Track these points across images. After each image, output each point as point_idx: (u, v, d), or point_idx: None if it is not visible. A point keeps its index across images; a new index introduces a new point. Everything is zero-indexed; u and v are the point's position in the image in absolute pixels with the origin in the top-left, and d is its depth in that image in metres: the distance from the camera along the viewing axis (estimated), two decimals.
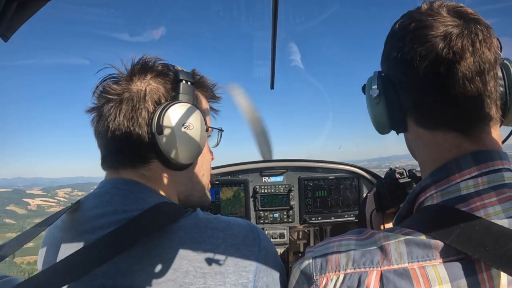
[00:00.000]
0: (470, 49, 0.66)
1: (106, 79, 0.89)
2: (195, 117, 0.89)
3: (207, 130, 0.95)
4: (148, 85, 0.87)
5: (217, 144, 1.08)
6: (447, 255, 0.59)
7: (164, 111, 0.84)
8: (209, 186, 1.08)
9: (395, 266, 0.60)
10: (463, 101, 0.68)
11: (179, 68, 0.93)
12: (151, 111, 0.85)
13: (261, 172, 2.54)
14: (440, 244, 0.60)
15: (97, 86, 0.90)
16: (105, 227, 0.77)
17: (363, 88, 0.89)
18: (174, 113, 0.84)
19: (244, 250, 0.81)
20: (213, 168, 2.52)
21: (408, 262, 0.60)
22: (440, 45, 0.67)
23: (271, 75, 2.08)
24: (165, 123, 0.83)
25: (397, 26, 0.76)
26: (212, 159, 1.09)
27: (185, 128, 0.86)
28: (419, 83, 0.71)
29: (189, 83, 0.90)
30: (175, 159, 0.86)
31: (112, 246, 0.72)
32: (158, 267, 0.74)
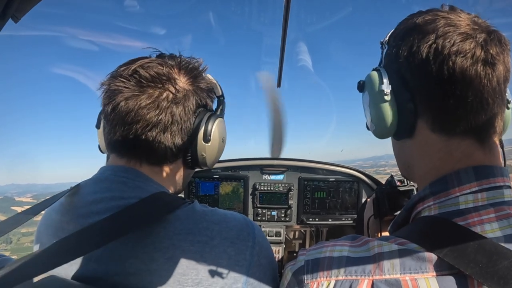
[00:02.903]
0: (501, 56, 0.67)
1: (155, 64, 0.86)
2: (226, 132, 1.00)
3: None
4: (199, 93, 0.92)
5: None
6: (440, 269, 0.58)
7: (213, 122, 0.92)
8: None
9: (387, 276, 0.60)
10: (489, 107, 0.68)
11: (216, 82, 1.00)
12: (195, 117, 0.91)
13: (262, 169, 2.54)
14: (434, 257, 0.59)
15: (143, 65, 0.85)
16: (102, 212, 0.77)
17: (360, 86, 0.85)
18: (219, 127, 0.94)
19: (239, 244, 0.81)
20: None
21: (400, 273, 0.60)
22: (478, 48, 0.65)
23: (279, 74, 2.08)
24: (213, 133, 0.91)
25: (419, 20, 0.72)
26: None
27: (222, 141, 0.98)
28: (450, 84, 0.67)
29: (224, 99, 1.02)
30: (203, 164, 0.95)
31: (107, 232, 0.72)
32: (151, 256, 0.74)
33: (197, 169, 1.02)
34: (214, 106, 1.04)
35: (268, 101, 3.20)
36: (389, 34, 0.81)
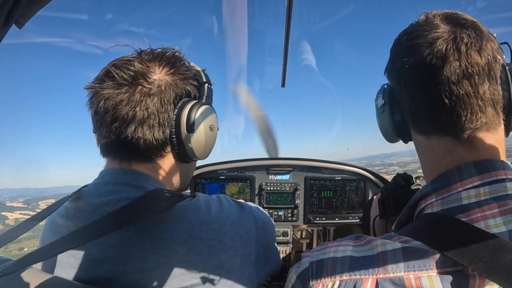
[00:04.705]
0: (455, 53, 0.66)
1: (129, 60, 0.86)
2: (215, 119, 0.96)
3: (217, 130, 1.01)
4: (178, 82, 0.89)
5: None
6: (444, 266, 0.58)
7: (195, 111, 0.88)
8: None
9: (391, 275, 0.60)
10: (450, 104, 0.67)
11: (200, 69, 0.96)
12: (178, 107, 0.88)
13: (268, 169, 2.54)
14: (437, 254, 0.59)
15: (116, 64, 0.86)
16: None
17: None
18: (203, 115, 0.90)
19: (244, 225, 0.87)
20: (220, 164, 2.53)
21: (404, 271, 0.60)
22: (426, 51, 0.69)
23: (283, 73, 2.08)
24: (196, 123, 0.88)
25: (394, 40, 0.80)
26: None
27: (210, 130, 0.93)
28: (411, 91, 0.74)
29: (210, 86, 0.96)
30: (195, 157, 0.93)
31: (111, 222, 0.74)
32: (172, 249, 0.76)
33: (201, 167, 1.03)
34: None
35: (249, 110, 3.22)
36: None
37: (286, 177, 2.54)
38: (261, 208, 0.99)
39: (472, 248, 0.57)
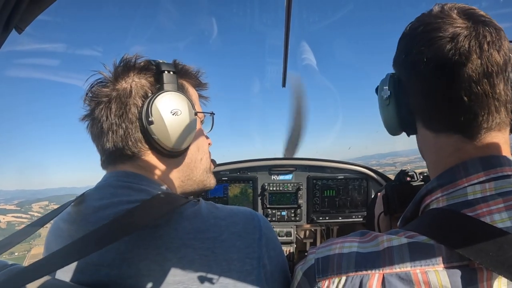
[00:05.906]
0: (477, 51, 0.65)
1: (94, 85, 0.93)
2: (181, 103, 0.92)
3: (195, 115, 0.97)
4: (133, 82, 0.91)
5: (211, 128, 1.12)
6: (450, 260, 0.58)
7: (151, 102, 0.87)
8: (212, 168, 1.11)
9: (397, 270, 0.60)
10: (469, 103, 0.66)
11: (160, 61, 0.95)
12: (140, 105, 0.89)
13: (270, 170, 2.54)
14: (443, 248, 0.59)
15: (87, 93, 0.93)
16: (110, 218, 0.78)
17: (376, 90, 0.90)
18: (160, 103, 0.88)
19: (246, 238, 0.82)
20: (222, 165, 2.53)
21: (411, 266, 0.59)
22: (447, 46, 0.66)
23: (283, 73, 2.08)
24: (154, 113, 0.87)
25: (407, 29, 0.77)
26: (210, 144, 1.11)
27: (173, 114, 0.90)
28: (426, 85, 0.71)
29: (171, 72, 0.93)
30: (168, 147, 0.90)
31: (113, 232, 0.73)
32: (164, 256, 0.75)
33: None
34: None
35: (293, 102, 3.20)
36: None
37: (288, 177, 2.54)
38: (274, 231, 0.93)
39: (479, 243, 0.57)
